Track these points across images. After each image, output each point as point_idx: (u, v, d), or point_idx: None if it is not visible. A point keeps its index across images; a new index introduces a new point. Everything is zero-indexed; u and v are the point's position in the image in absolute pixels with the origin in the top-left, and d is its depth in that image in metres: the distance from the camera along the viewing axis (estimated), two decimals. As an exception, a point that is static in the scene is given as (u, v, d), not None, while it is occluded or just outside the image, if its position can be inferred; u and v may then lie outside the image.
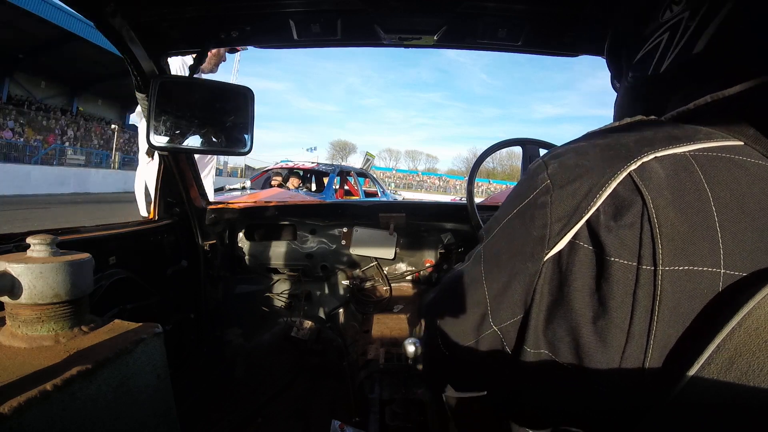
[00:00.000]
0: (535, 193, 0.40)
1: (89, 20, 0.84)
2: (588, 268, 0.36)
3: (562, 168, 0.39)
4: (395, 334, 1.53)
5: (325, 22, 0.95)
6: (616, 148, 0.37)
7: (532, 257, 0.39)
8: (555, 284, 0.38)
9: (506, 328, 0.42)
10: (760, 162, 0.34)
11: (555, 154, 0.41)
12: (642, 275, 0.33)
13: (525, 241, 0.40)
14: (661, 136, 0.37)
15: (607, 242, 0.34)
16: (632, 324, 0.33)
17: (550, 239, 0.38)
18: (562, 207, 0.37)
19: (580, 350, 0.36)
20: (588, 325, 0.35)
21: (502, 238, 0.43)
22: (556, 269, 0.38)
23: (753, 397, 0.29)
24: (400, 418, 1.10)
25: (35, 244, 0.40)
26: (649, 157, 0.35)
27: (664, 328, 0.33)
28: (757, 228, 0.32)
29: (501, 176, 51.44)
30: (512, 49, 1.05)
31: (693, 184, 0.34)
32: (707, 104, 0.38)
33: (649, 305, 0.33)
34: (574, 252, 0.37)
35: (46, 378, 0.32)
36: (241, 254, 1.63)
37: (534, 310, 0.39)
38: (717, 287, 0.32)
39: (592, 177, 0.36)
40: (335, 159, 58.23)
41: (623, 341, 0.34)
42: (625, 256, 0.34)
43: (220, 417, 1.31)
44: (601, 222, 0.35)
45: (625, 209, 0.34)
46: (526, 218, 0.40)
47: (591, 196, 0.36)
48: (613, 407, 0.37)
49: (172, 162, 1.19)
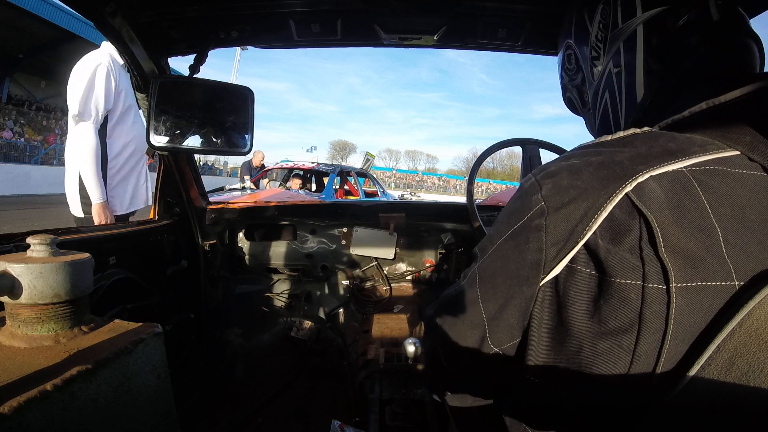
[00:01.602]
0: (530, 215, 0.39)
1: (89, 20, 0.84)
2: (587, 291, 0.35)
3: (556, 189, 0.38)
4: (395, 334, 1.54)
5: (325, 22, 0.95)
6: (610, 166, 0.36)
7: (527, 281, 0.38)
8: (554, 308, 0.37)
9: (507, 350, 0.42)
10: (757, 173, 0.34)
11: (548, 172, 0.40)
12: (649, 294, 0.32)
13: (520, 264, 0.39)
14: (656, 151, 0.36)
15: (608, 264, 0.34)
16: (639, 343, 0.33)
17: (546, 264, 0.37)
18: (558, 231, 0.36)
19: (582, 371, 0.36)
20: (589, 348, 0.35)
21: (497, 260, 0.42)
22: (554, 293, 0.37)
23: (753, 397, 0.29)
24: (400, 418, 1.10)
25: (35, 244, 0.40)
26: (644, 176, 0.34)
27: (676, 346, 0.32)
28: (759, 240, 0.32)
29: (501, 176, 51.45)
30: (512, 49, 1.05)
31: (693, 202, 0.33)
32: (702, 111, 0.37)
33: (660, 325, 0.32)
34: (571, 276, 0.36)
35: (46, 378, 0.32)
36: (241, 254, 1.63)
37: (534, 334, 0.39)
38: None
39: (587, 200, 0.35)
40: (335, 159, 58.30)
41: (628, 361, 0.33)
42: (628, 275, 0.33)
43: (220, 417, 1.31)
44: (600, 245, 0.34)
45: (624, 233, 0.34)
46: (521, 241, 0.39)
47: (587, 220, 0.35)
48: (613, 406, 0.37)
49: (172, 162, 1.19)
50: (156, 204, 1.25)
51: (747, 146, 0.35)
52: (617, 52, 0.48)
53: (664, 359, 0.32)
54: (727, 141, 0.36)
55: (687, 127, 0.38)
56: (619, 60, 0.48)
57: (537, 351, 0.39)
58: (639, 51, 0.46)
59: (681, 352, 0.32)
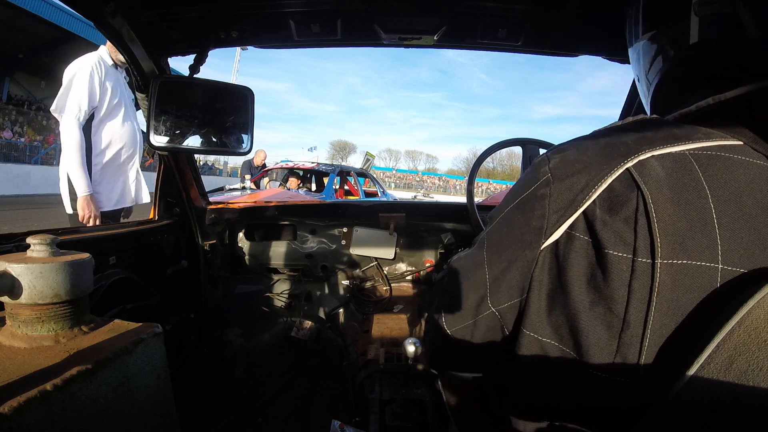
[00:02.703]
0: (537, 185, 0.41)
1: (89, 20, 0.84)
2: (584, 257, 0.37)
3: (563, 162, 0.40)
4: (395, 334, 1.53)
5: (325, 22, 0.95)
6: (616, 145, 0.38)
7: (530, 245, 0.41)
8: (554, 272, 0.40)
9: (504, 310, 0.44)
10: (759, 162, 0.35)
11: (559, 149, 0.43)
12: (638, 267, 0.34)
13: (524, 230, 0.41)
14: (662, 135, 0.37)
15: (602, 235, 0.36)
16: (628, 312, 0.34)
17: (548, 229, 0.39)
18: (560, 199, 0.39)
19: (578, 335, 0.37)
20: (585, 311, 0.37)
21: (504, 226, 0.45)
22: (554, 258, 0.40)
23: (752, 397, 0.29)
24: (400, 418, 1.10)
25: (35, 244, 0.40)
26: (647, 155, 0.36)
27: (661, 319, 0.34)
28: (754, 226, 0.33)
29: (501, 176, 51.43)
30: (512, 49, 1.05)
31: (692, 181, 0.34)
32: (709, 106, 0.38)
33: (645, 296, 0.34)
34: (570, 242, 0.38)
35: (46, 378, 0.32)
36: (241, 254, 1.63)
37: (534, 296, 0.41)
38: (715, 282, 0.33)
39: (590, 172, 0.38)
40: (335, 159, 58.26)
41: (619, 327, 0.35)
42: (619, 248, 0.35)
43: (220, 417, 1.31)
44: (597, 215, 0.36)
45: (621, 204, 0.35)
46: (527, 209, 0.42)
47: (587, 189, 0.37)
48: (612, 404, 0.37)
49: (172, 162, 1.19)
50: (156, 204, 1.25)
51: (751, 138, 0.36)
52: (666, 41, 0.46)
53: (650, 330, 0.34)
54: (731, 133, 0.37)
55: (693, 121, 0.40)
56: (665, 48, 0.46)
57: (537, 311, 0.41)
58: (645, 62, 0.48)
59: (669, 326, 0.34)
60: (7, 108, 15.52)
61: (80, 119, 1.82)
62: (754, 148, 0.35)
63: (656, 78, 0.47)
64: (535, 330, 0.41)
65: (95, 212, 1.86)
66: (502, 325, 0.45)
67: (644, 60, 0.48)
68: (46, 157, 14.92)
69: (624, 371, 0.35)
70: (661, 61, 0.46)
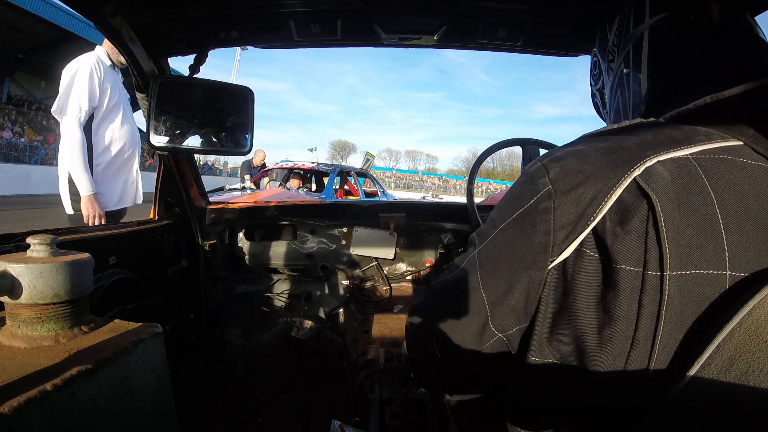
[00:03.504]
0: (537, 198, 0.38)
1: (89, 20, 0.84)
2: (594, 276, 0.35)
3: (564, 173, 0.37)
4: (395, 334, 1.53)
5: (325, 22, 0.95)
6: (618, 151, 0.36)
7: (534, 265, 0.38)
8: (560, 292, 0.37)
9: (512, 335, 0.41)
10: (761, 163, 0.34)
11: (554, 157, 0.40)
12: (648, 281, 0.33)
13: (526, 248, 0.38)
14: (662, 138, 0.36)
15: (613, 249, 0.34)
16: (637, 331, 0.33)
17: (554, 247, 0.37)
18: (567, 214, 0.36)
19: (584, 358, 0.36)
20: (593, 334, 0.35)
21: (501, 244, 0.41)
22: (561, 277, 0.37)
23: (753, 397, 0.29)
24: (400, 418, 1.10)
25: (35, 244, 0.40)
26: (652, 161, 0.35)
27: (670, 332, 0.33)
28: (760, 229, 0.32)
29: (501, 176, 51.42)
30: (512, 49, 1.05)
31: (697, 187, 0.33)
32: (707, 104, 0.38)
33: (654, 311, 0.32)
34: (579, 260, 0.36)
35: (46, 378, 0.32)
36: (241, 254, 1.63)
37: (539, 318, 0.39)
38: (723, 289, 0.32)
39: (596, 183, 0.35)
40: (335, 159, 58.28)
41: (627, 347, 0.34)
42: (631, 262, 0.33)
43: (220, 417, 1.31)
44: (608, 229, 0.34)
45: (631, 214, 0.34)
46: (527, 224, 0.38)
47: (596, 202, 0.35)
48: (613, 406, 0.37)
49: (172, 162, 1.19)
50: (156, 204, 1.25)
51: (751, 138, 0.35)
52: (627, 54, 0.50)
53: (659, 345, 0.33)
54: (730, 132, 0.36)
55: (691, 120, 0.39)
56: (628, 61, 0.50)
57: (540, 335, 0.38)
58: (644, 52, 0.48)
59: (677, 339, 0.33)
60: (7, 108, 15.52)
61: (81, 120, 1.83)
62: (755, 149, 0.35)
63: (650, 75, 0.47)
64: (540, 353, 0.39)
65: (99, 211, 1.87)
66: (510, 349, 0.42)
67: (635, 58, 0.49)
68: (45, 157, 14.92)
69: (628, 381, 0.34)
70: (654, 58, 0.46)
